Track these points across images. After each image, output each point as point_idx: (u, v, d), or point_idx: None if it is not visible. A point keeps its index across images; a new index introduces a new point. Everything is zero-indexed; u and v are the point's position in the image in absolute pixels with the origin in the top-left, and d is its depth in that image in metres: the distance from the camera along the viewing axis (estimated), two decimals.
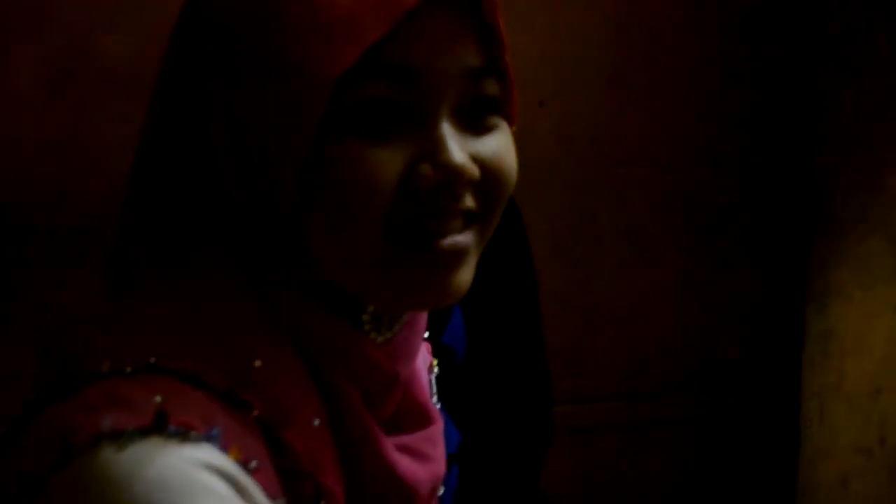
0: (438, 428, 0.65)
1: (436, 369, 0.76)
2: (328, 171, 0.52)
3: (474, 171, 0.53)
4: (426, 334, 0.70)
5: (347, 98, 0.51)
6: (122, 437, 0.46)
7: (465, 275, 0.56)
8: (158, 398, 0.48)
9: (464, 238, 0.54)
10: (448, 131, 0.53)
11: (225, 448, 0.48)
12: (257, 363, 0.53)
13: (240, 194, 0.57)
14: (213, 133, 0.57)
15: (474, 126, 0.55)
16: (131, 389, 0.49)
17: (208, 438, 0.48)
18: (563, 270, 1.73)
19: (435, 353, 1.03)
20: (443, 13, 0.52)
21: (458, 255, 0.55)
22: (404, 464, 0.59)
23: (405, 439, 0.61)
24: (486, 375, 1.26)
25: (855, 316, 1.61)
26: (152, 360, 0.51)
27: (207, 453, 0.47)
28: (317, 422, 0.54)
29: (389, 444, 0.58)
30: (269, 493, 0.50)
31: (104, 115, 1.59)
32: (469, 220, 0.55)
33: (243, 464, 0.49)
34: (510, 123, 0.59)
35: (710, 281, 1.84)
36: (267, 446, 0.51)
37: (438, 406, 0.73)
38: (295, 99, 0.52)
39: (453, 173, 0.52)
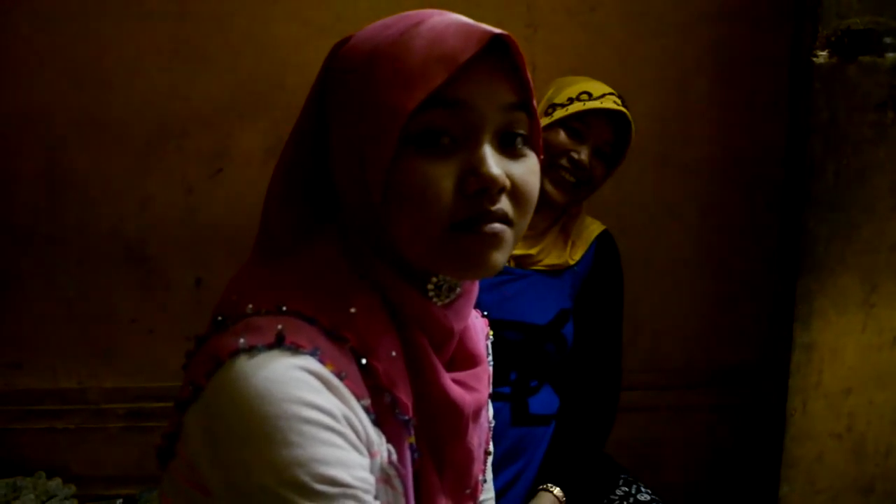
0: (483, 369, 0.71)
1: (491, 338, 0.82)
2: (402, 177, 0.56)
3: (506, 181, 0.58)
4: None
5: (415, 124, 0.56)
6: (252, 350, 0.53)
7: (500, 255, 0.60)
8: (280, 326, 0.55)
9: (500, 227, 0.59)
10: (488, 151, 0.58)
11: (322, 361, 0.54)
12: (353, 310, 0.59)
13: (347, 194, 0.62)
14: (332, 151, 0.63)
15: (509, 152, 0.61)
16: (263, 322, 0.55)
17: (312, 353, 0.54)
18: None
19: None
20: (484, 62, 0.58)
21: (496, 238, 0.59)
22: (456, 391, 0.64)
23: (458, 375, 0.67)
24: (582, 362, 1.43)
25: (832, 333, 1.72)
26: (282, 306, 0.57)
27: (309, 362, 0.53)
28: (394, 353, 0.59)
29: (447, 377, 0.64)
30: (357, 395, 0.56)
31: None
32: (504, 221, 0.60)
33: (336, 374, 0.54)
34: (537, 154, 0.63)
35: (725, 306, 1.96)
36: (357, 367, 0.57)
37: (491, 362, 0.80)
38: (382, 125, 0.56)
39: (491, 182, 0.57)
